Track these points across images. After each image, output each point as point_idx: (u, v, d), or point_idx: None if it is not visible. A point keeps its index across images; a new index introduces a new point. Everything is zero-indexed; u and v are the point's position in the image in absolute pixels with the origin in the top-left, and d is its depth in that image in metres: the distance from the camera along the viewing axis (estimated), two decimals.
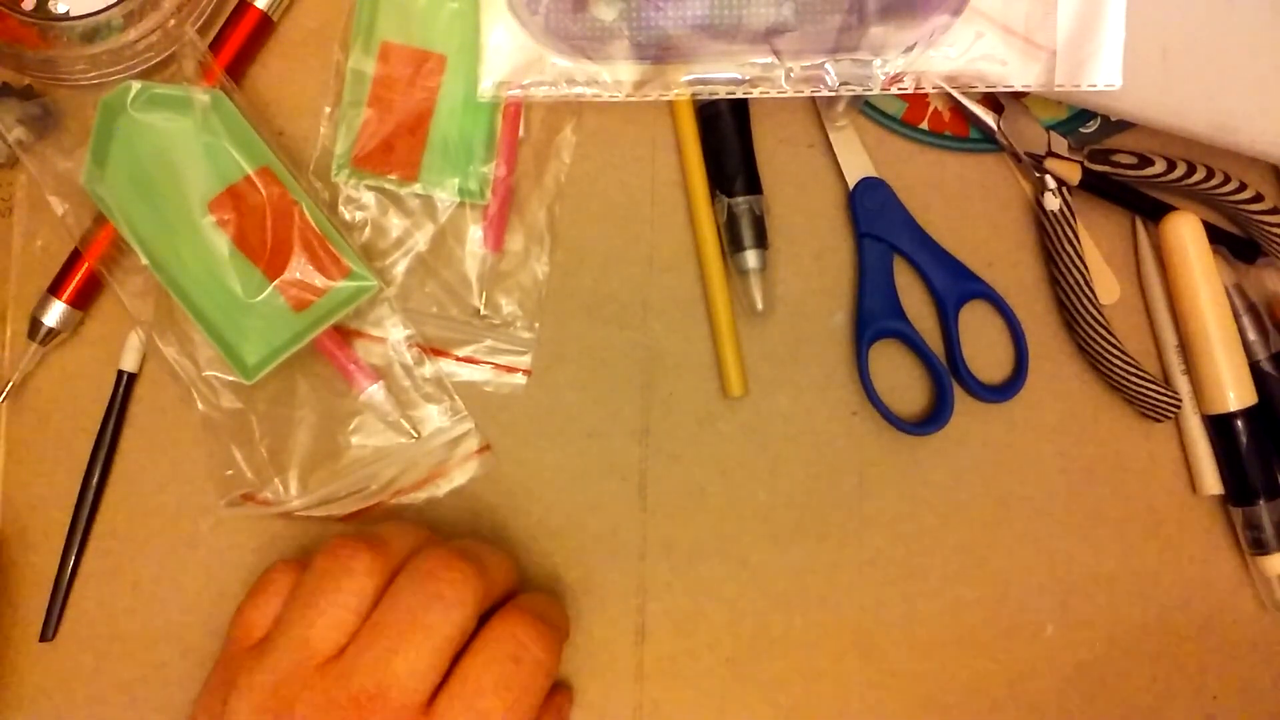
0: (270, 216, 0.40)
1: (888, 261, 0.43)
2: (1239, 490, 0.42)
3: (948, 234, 0.43)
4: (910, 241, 0.43)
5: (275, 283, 0.40)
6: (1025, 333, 0.43)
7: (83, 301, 0.42)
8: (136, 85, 0.39)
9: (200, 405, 0.41)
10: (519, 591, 0.37)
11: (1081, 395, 0.44)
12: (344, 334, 0.42)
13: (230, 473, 0.41)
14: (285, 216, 0.40)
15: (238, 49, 0.42)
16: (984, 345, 0.44)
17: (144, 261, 0.39)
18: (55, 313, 0.41)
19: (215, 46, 0.41)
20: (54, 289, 0.41)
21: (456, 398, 0.42)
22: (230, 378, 0.41)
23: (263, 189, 0.40)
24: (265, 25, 0.42)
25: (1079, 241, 0.42)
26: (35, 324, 0.41)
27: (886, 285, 0.43)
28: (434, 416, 0.42)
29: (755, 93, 0.39)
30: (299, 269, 0.40)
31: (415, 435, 0.42)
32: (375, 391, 0.41)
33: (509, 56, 0.39)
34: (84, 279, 0.41)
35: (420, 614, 0.32)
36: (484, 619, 0.34)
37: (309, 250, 0.40)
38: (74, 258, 0.41)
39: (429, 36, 0.42)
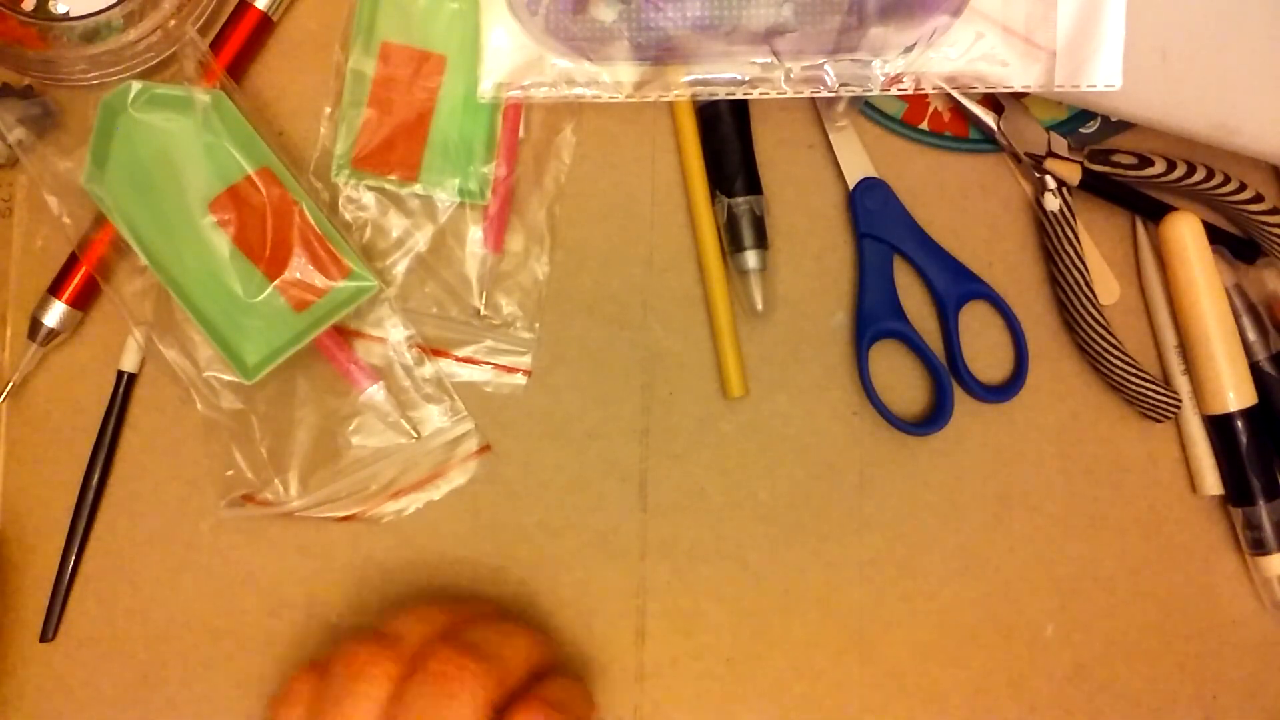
0: (270, 216, 0.40)
1: (888, 261, 0.43)
2: (1239, 490, 0.42)
3: (948, 234, 0.43)
4: (910, 241, 0.43)
5: (275, 283, 0.40)
6: (1025, 333, 0.43)
7: (83, 302, 0.42)
8: (137, 85, 0.39)
9: (200, 405, 0.41)
10: (551, 664, 0.36)
11: (1081, 395, 0.44)
12: (344, 334, 0.42)
13: (230, 473, 0.41)
14: (285, 216, 0.40)
15: (238, 49, 0.42)
16: (984, 345, 0.44)
17: (144, 261, 0.39)
18: (55, 313, 0.41)
19: (215, 46, 0.41)
20: (54, 289, 0.41)
21: (456, 398, 0.42)
22: (230, 378, 0.41)
23: (263, 189, 0.40)
24: (265, 25, 0.42)
25: (1079, 242, 0.42)
26: (35, 324, 0.41)
27: (886, 285, 0.43)
28: (434, 417, 0.42)
29: (755, 93, 0.39)
30: (299, 269, 0.40)
31: (415, 436, 0.42)
32: (375, 392, 0.41)
33: (509, 57, 0.39)
34: (84, 279, 0.41)
35: (433, 717, 0.31)
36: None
37: (309, 250, 0.40)
38: (74, 258, 0.41)
39: (429, 37, 0.42)
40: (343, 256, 0.40)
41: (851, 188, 0.43)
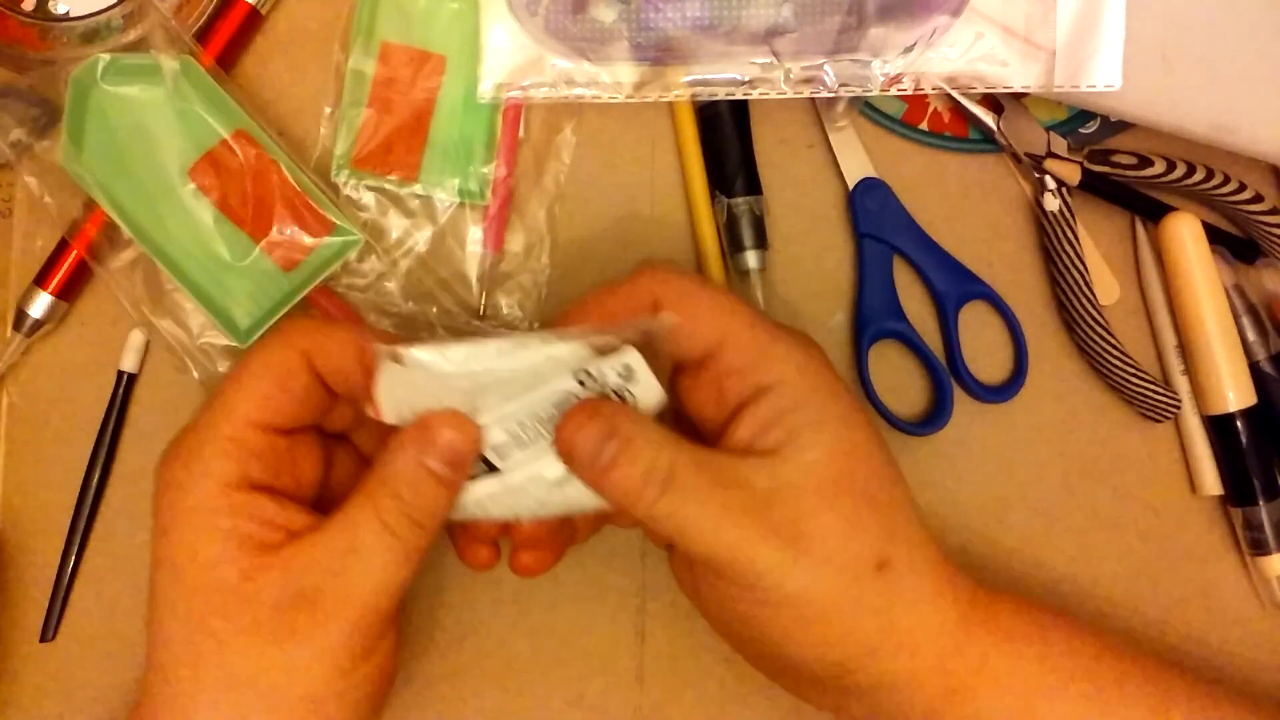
0: (250, 178, 0.40)
1: (888, 262, 0.43)
2: (1239, 490, 0.42)
3: (948, 234, 0.43)
4: (910, 242, 0.43)
5: (261, 244, 0.40)
6: (1025, 333, 0.43)
7: (69, 293, 0.41)
8: (106, 58, 0.39)
9: (196, 374, 0.41)
10: None
11: (1081, 395, 0.44)
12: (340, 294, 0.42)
13: None
14: (265, 177, 0.40)
15: (226, 41, 0.41)
16: (984, 345, 0.43)
17: (128, 235, 0.39)
18: (41, 304, 0.41)
19: (204, 39, 0.41)
20: (39, 280, 0.41)
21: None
22: (225, 343, 0.41)
23: (239, 151, 0.40)
24: (254, 19, 0.42)
25: (1079, 242, 0.42)
26: (20, 315, 0.41)
27: (886, 286, 0.43)
28: None
29: (755, 94, 0.39)
30: (284, 228, 0.40)
31: None
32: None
33: (509, 57, 0.40)
34: (70, 270, 0.41)
35: None
36: None
37: (291, 209, 0.40)
38: (60, 251, 0.41)
39: (429, 37, 0.42)
40: (325, 212, 0.40)
41: (851, 188, 0.43)
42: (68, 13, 0.40)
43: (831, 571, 0.30)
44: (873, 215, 0.43)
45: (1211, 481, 0.43)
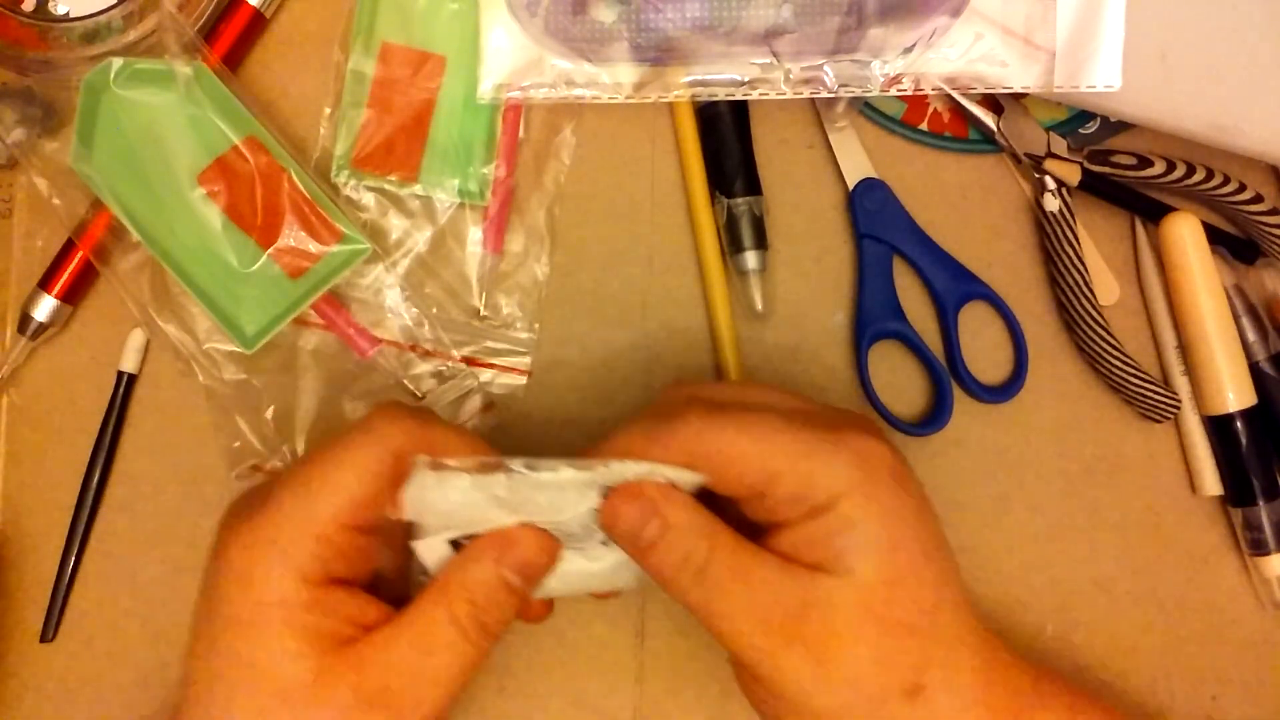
0: (260, 185, 0.40)
1: (887, 262, 0.43)
2: (1238, 491, 0.42)
3: (947, 234, 0.43)
4: (910, 242, 0.43)
5: (269, 251, 0.40)
6: (1025, 333, 0.43)
7: (73, 296, 0.42)
8: (118, 62, 0.39)
9: (202, 378, 0.41)
10: None
11: (1081, 395, 0.44)
12: (342, 299, 0.42)
13: (238, 444, 0.41)
14: (275, 184, 0.40)
15: (230, 45, 0.41)
16: (984, 346, 0.44)
17: (136, 238, 0.39)
18: (45, 307, 0.41)
19: (209, 43, 0.41)
20: (44, 284, 0.41)
21: (457, 355, 0.42)
22: (231, 349, 0.41)
23: (250, 158, 0.40)
24: (258, 21, 0.42)
25: (1079, 242, 0.42)
26: (25, 318, 0.41)
27: (886, 286, 0.43)
28: (438, 377, 0.42)
29: (754, 94, 0.39)
30: (292, 236, 0.40)
31: (419, 396, 0.42)
32: (377, 355, 0.41)
33: (509, 58, 0.40)
34: (74, 274, 0.41)
35: None
36: None
37: (300, 216, 0.40)
38: (64, 254, 0.41)
39: (429, 37, 0.42)
40: (334, 221, 0.40)
41: (851, 188, 0.43)
42: (68, 13, 0.40)
43: (858, 696, 0.30)
44: (873, 215, 0.43)
45: (1211, 481, 0.43)
